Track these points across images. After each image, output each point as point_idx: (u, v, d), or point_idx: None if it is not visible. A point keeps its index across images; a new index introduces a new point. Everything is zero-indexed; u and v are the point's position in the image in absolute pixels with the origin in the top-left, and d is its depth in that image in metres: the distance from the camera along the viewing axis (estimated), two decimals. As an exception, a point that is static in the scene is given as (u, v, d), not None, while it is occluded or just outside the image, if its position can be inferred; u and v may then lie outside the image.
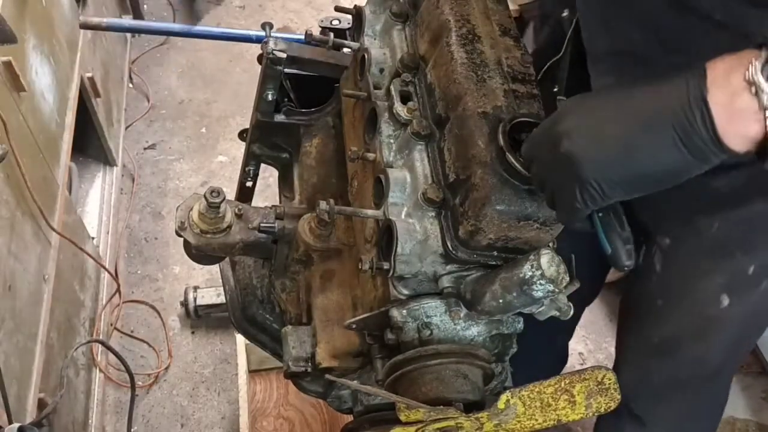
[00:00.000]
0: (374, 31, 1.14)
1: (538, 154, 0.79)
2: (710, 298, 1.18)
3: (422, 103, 1.00)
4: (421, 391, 0.91)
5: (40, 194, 1.68)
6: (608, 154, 0.72)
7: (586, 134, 0.73)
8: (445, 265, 0.90)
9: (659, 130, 0.69)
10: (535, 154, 0.80)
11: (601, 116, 0.74)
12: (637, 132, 0.71)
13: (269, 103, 1.26)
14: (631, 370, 1.37)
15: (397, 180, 0.94)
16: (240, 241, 1.12)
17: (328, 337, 1.07)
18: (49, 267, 1.75)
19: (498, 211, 0.82)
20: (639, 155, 0.71)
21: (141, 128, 3.05)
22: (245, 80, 3.29)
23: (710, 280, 1.17)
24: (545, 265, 0.80)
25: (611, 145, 0.72)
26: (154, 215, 2.75)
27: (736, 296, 1.16)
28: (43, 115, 1.83)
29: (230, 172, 2.91)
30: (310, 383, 1.12)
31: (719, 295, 1.17)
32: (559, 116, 0.77)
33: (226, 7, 3.70)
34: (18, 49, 1.64)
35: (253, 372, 2.11)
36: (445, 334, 0.93)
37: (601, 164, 0.72)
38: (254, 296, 1.29)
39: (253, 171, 1.41)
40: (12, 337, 1.46)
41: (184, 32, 2.27)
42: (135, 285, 2.53)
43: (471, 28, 0.98)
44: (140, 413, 2.21)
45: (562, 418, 0.94)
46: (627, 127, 0.71)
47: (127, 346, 2.36)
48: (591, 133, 0.73)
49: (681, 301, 1.23)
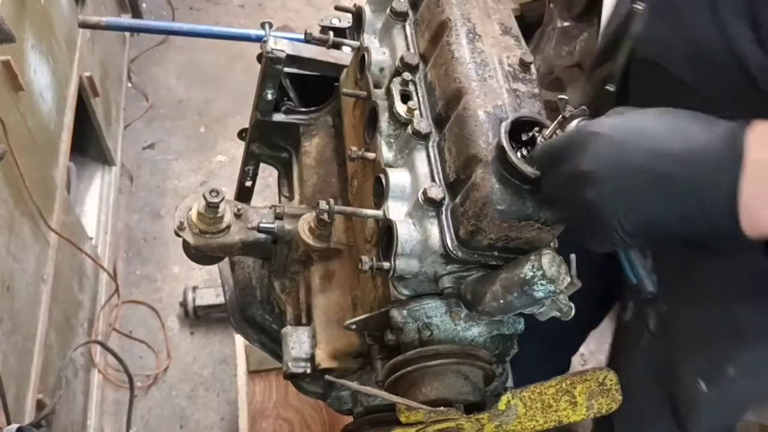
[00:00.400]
0: (374, 30, 1.13)
1: (557, 177, 0.75)
2: (690, 380, 1.20)
3: (422, 103, 0.99)
4: (421, 392, 0.91)
5: (39, 194, 1.68)
6: (635, 210, 0.69)
7: (615, 182, 0.69)
8: (446, 266, 0.89)
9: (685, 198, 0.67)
10: (555, 177, 0.75)
11: (632, 163, 0.69)
12: (668, 192, 0.68)
13: (269, 102, 1.25)
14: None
15: (397, 180, 0.94)
16: (239, 241, 1.12)
17: (328, 338, 1.06)
18: (47, 267, 1.75)
19: (499, 211, 0.81)
20: (665, 217, 0.69)
21: (140, 128, 3.05)
22: (244, 79, 3.29)
23: (692, 362, 1.19)
24: (546, 266, 0.79)
25: (639, 200, 0.69)
26: (153, 215, 2.75)
27: (713, 385, 1.18)
28: (42, 114, 1.83)
29: (229, 171, 2.90)
30: (309, 384, 1.11)
31: (697, 379, 1.18)
32: (588, 141, 0.72)
33: (226, 6, 3.70)
34: (16, 48, 1.63)
35: (252, 373, 2.11)
36: (445, 335, 0.92)
37: (626, 217, 0.70)
38: (253, 297, 1.29)
39: (252, 171, 1.41)
40: (10, 337, 1.46)
41: (183, 31, 2.27)
42: (134, 285, 2.53)
43: (472, 26, 0.98)
44: (139, 414, 2.20)
45: (563, 419, 0.94)
46: (658, 182, 0.68)
47: (126, 347, 2.36)
48: (619, 183, 0.69)
49: (665, 376, 1.25)
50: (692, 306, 1.14)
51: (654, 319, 1.22)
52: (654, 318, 1.22)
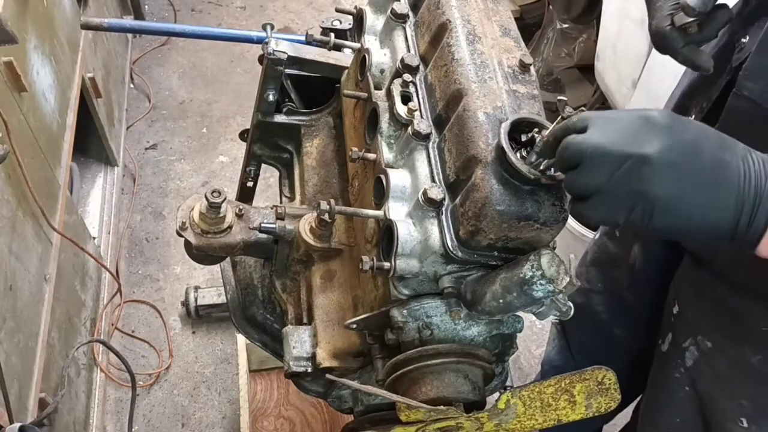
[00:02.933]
0: (375, 31, 1.14)
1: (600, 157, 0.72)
2: (731, 416, 1.18)
3: (423, 104, 1.00)
4: (421, 390, 0.91)
5: (42, 194, 1.69)
6: (681, 210, 0.71)
7: (674, 179, 0.71)
8: (446, 265, 0.90)
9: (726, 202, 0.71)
10: (595, 157, 0.72)
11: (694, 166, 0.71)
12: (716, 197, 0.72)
13: (270, 103, 1.26)
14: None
15: (398, 180, 0.94)
16: (241, 241, 1.12)
17: (329, 337, 1.07)
18: (50, 267, 1.75)
19: (498, 211, 0.82)
20: (700, 218, 0.72)
21: (142, 128, 3.06)
22: (246, 81, 3.30)
23: (735, 401, 1.18)
24: (545, 266, 0.80)
25: (689, 203, 0.71)
26: (155, 215, 2.76)
27: (755, 425, 1.17)
28: (45, 115, 1.84)
29: (231, 172, 2.91)
30: (310, 383, 1.12)
31: (739, 417, 1.17)
32: (647, 129, 0.72)
33: (228, 8, 3.70)
34: (19, 49, 1.64)
35: (253, 372, 2.11)
36: (445, 334, 0.93)
37: (671, 214, 0.71)
38: (255, 296, 1.29)
39: (253, 171, 1.42)
40: (13, 336, 1.46)
41: (185, 33, 2.27)
42: (136, 285, 2.54)
43: (471, 28, 0.98)
44: (141, 413, 2.21)
45: (563, 418, 0.94)
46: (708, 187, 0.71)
47: (128, 346, 2.36)
48: (678, 183, 0.71)
49: (702, 409, 1.24)
50: (739, 347, 1.13)
51: (694, 354, 1.21)
52: (694, 352, 1.21)
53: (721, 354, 1.17)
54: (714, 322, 1.17)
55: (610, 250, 1.45)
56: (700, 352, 1.20)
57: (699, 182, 0.71)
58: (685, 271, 1.22)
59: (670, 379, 1.28)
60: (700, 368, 1.21)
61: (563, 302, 0.87)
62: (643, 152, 0.70)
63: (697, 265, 1.17)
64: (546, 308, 0.87)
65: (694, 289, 1.20)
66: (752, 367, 1.12)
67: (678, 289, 1.25)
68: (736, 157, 0.73)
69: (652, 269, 1.35)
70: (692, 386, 1.24)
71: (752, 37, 1.02)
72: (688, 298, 1.22)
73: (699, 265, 1.17)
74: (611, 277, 1.45)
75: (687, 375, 1.24)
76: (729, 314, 1.13)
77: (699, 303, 1.20)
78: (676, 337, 1.25)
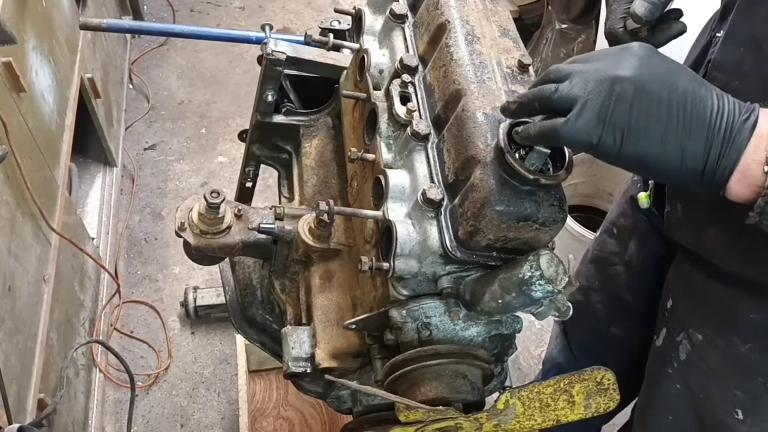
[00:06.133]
0: (374, 32, 1.14)
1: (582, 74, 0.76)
2: (726, 408, 1.19)
3: (422, 104, 1.00)
4: (420, 391, 0.91)
5: (40, 195, 1.68)
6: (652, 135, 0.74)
7: (648, 102, 0.73)
8: (445, 266, 0.90)
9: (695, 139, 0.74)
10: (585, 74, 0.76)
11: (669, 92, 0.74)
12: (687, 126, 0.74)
13: (269, 103, 1.26)
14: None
15: (397, 181, 0.94)
16: (240, 241, 1.12)
17: (328, 338, 1.07)
18: (49, 267, 1.75)
19: (497, 211, 0.82)
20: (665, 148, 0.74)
21: (141, 129, 3.06)
22: (245, 81, 3.30)
23: (728, 392, 1.18)
24: (544, 266, 0.80)
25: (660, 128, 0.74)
26: (154, 216, 2.76)
27: (750, 416, 1.17)
28: (43, 115, 1.83)
29: (230, 172, 2.91)
30: (309, 383, 1.12)
31: (734, 408, 1.18)
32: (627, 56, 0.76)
33: (226, 8, 3.70)
34: (18, 49, 1.64)
35: (252, 372, 2.11)
36: (444, 335, 0.93)
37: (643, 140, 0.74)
38: (254, 297, 1.29)
39: (252, 172, 1.42)
40: (12, 337, 1.46)
41: (184, 33, 2.27)
42: (135, 285, 2.54)
43: (470, 29, 0.98)
44: (140, 413, 2.21)
45: (561, 418, 0.94)
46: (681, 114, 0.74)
47: (127, 347, 2.36)
48: (651, 106, 0.73)
49: (696, 405, 1.25)
50: (729, 337, 1.14)
51: (686, 348, 1.22)
52: (687, 346, 1.22)
53: (711, 346, 1.17)
54: (704, 313, 1.18)
55: (608, 247, 1.45)
56: (692, 345, 1.21)
57: (672, 109, 0.74)
58: (678, 265, 1.23)
59: (663, 376, 1.29)
60: (692, 362, 1.22)
61: (562, 302, 0.87)
62: (620, 74, 0.73)
63: (689, 257, 1.18)
64: (545, 308, 0.87)
65: (684, 281, 1.21)
66: (743, 357, 1.12)
67: (670, 284, 1.26)
68: (710, 93, 0.75)
69: (647, 266, 1.36)
70: (685, 383, 1.25)
71: (725, 31, 1.05)
72: (680, 291, 1.23)
73: (690, 257, 1.18)
74: (608, 275, 1.46)
75: (680, 370, 1.25)
76: (718, 304, 1.14)
77: (690, 296, 1.20)
78: (670, 332, 1.26)
